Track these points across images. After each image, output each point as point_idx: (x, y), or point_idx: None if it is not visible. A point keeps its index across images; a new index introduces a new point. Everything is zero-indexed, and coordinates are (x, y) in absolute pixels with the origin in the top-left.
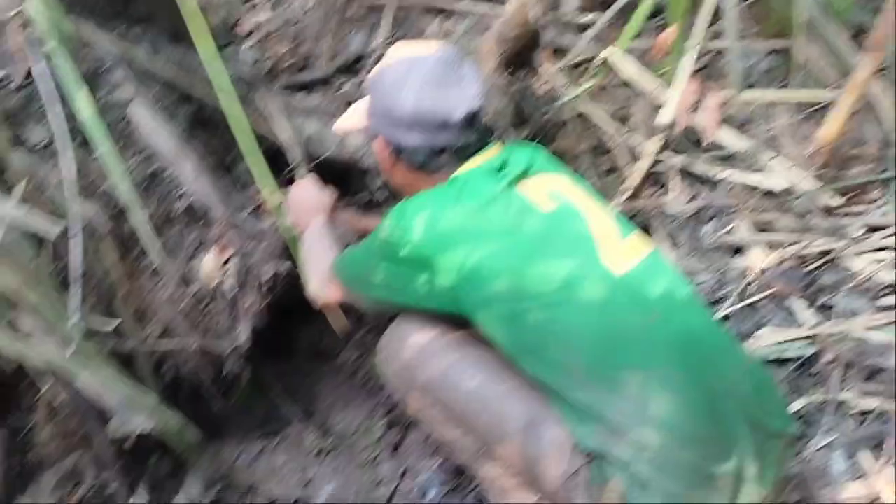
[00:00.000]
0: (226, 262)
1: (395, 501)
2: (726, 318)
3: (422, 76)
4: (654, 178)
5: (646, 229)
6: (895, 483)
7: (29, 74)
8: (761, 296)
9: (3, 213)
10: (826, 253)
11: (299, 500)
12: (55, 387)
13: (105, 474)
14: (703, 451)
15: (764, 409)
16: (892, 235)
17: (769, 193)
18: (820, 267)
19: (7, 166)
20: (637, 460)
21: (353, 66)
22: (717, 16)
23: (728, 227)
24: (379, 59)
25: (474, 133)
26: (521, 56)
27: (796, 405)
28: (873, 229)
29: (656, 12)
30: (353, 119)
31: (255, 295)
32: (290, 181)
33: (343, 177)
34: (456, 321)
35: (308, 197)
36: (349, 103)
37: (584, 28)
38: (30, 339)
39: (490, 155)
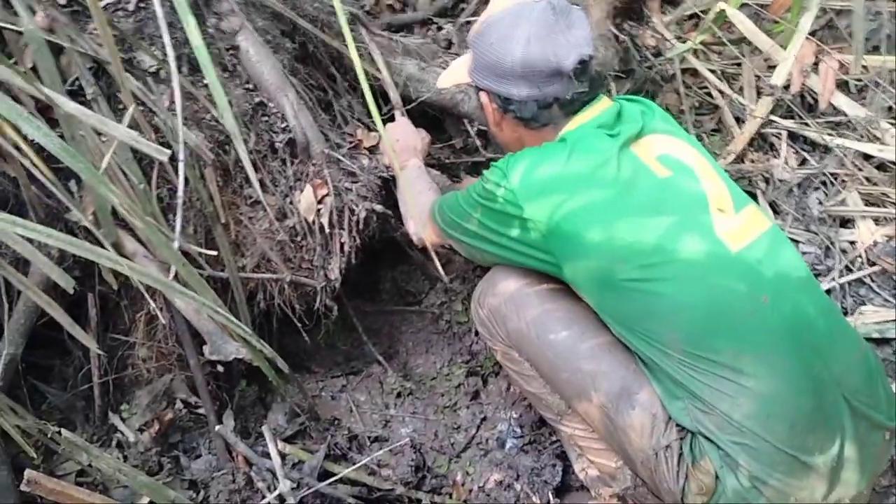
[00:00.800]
0: (322, 199)
1: (472, 448)
2: (828, 291)
3: (529, 25)
4: (761, 141)
5: (750, 194)
6: None
7: None
8: (867, 272)
9: (116, 133)
10: None
11: (379, 437)
12: (155, 308)
13: (196, 397)
14: (803, 440)
15: (872, 400)
16: None
17: (883, 165)
18: None
19: (120, 88)
20: (732, 444)
21: (454, 10)
22: None
23: (837, 198)
24: (482, 1)
25: (585, 83)
26: (631, 5)
27: (894, 387)
28: None
29: None
30: (456, 74)
31: (348, 233)
32: (389, 121)
33: (440, 120)
34: (552, 277)
35: (403, 137)
36: (449, 45)
37: None
38: (133, 260)
39: (600, 109)
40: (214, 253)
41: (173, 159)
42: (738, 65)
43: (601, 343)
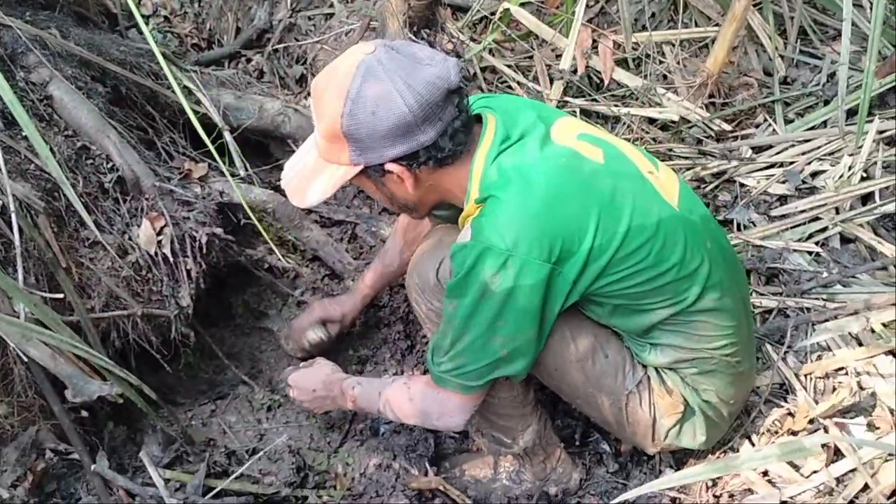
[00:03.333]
0: (160, 231)
1: (348, 441)
2: None
3: (393, 73)
4: None
5: None
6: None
7: None
8: None
9: None
10: (721, 174)
11: (257, 449)
12: (8, 362)
13: (65, 444)
14: (751, 357)
15: None
16: (778, 153)
17: (665, 126)
18: (717, 187)
19: None
20: (699, 374)
21: (259, 41)
22: None
23: None
24: (286, 28)
25: (464, 94)
26: (424, 14)
27: None
28: (762, 149)
29: None
30: (324, 182)
31: (193, 259)
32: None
33: (264, 145)
34: None
35: (313, 382)
36: (261, 75)
37: None
38: None
39: (490, 131)
40: (60, 296)
41: (4, 212)
42: (530, 57)
43: (570, 310)
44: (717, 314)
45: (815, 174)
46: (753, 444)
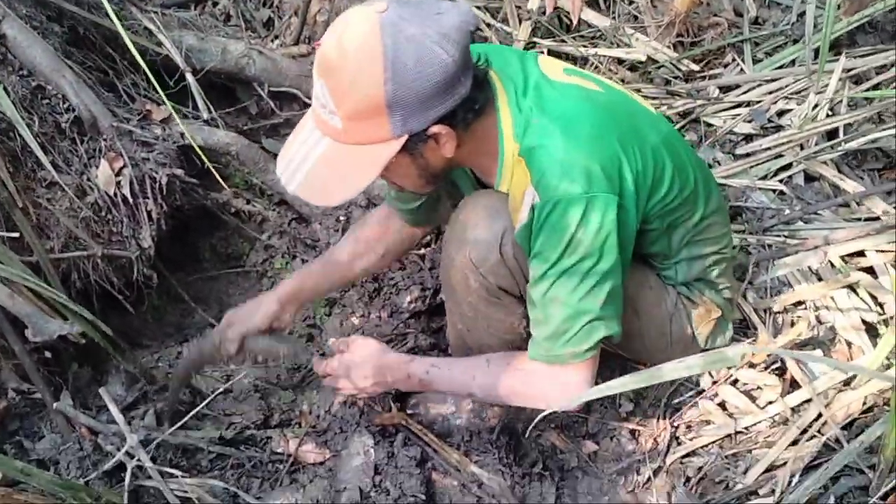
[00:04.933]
0: (119, 171)
1: (314, 381)
2: None
3: (419, 25)
4: None
5: None
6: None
7: None
8: None
9: None
10: (688, 114)
11: (223, 391)
12: None
13: (28, 383)
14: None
15: None
16: (745, 93)
17: (634, 66)
18: (683, 126)
19: None
20: (717, 275)
21: None
22: None
23: None
24: None
25: None
26: None
27: None
28: (729, 89)
29: None
30: (365, 166)
31: (153, 200)
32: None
33: (230, 88)
34: None
35: (368, 367)
36: (227, 18)
37: None
38: None
39: (493, 75)
40: (16, 235)
41: None
42: None
43: None
44: (720, 213)
45: (781, 113)
46: (713, 376)
